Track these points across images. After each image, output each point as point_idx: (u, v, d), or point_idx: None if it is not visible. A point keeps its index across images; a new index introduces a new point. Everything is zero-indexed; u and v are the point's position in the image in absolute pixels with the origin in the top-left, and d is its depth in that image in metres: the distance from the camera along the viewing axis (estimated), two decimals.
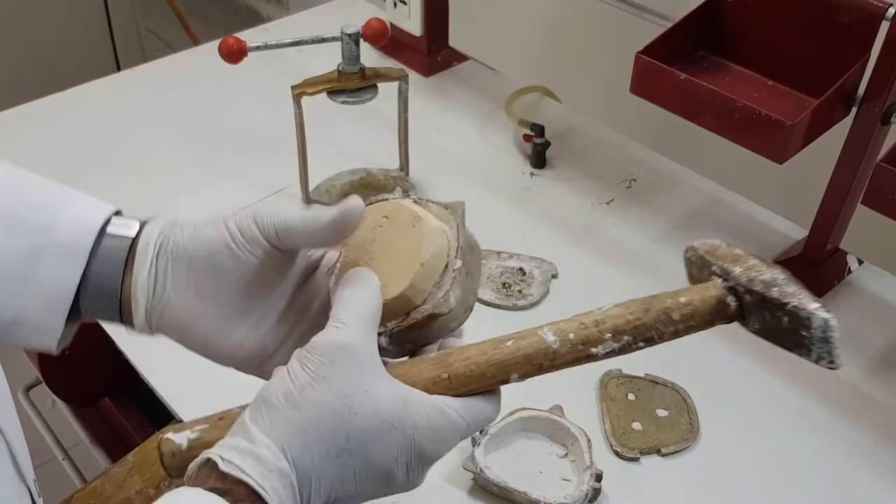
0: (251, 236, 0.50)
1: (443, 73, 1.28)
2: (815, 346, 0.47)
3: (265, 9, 2.04)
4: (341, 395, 0.43)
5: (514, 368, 0.47)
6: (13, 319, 0.51)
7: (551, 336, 0.47)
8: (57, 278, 0.51)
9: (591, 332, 0.48)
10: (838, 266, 0.96)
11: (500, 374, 0.46)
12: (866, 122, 0.83)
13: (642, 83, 0.89)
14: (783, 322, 0.47)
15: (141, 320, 0.53)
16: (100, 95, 1.23)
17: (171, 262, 0.51)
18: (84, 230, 0.51)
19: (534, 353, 0.47)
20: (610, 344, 0.48)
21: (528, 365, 0.47)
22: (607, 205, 1.06)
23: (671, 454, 0.77)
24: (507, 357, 0.47)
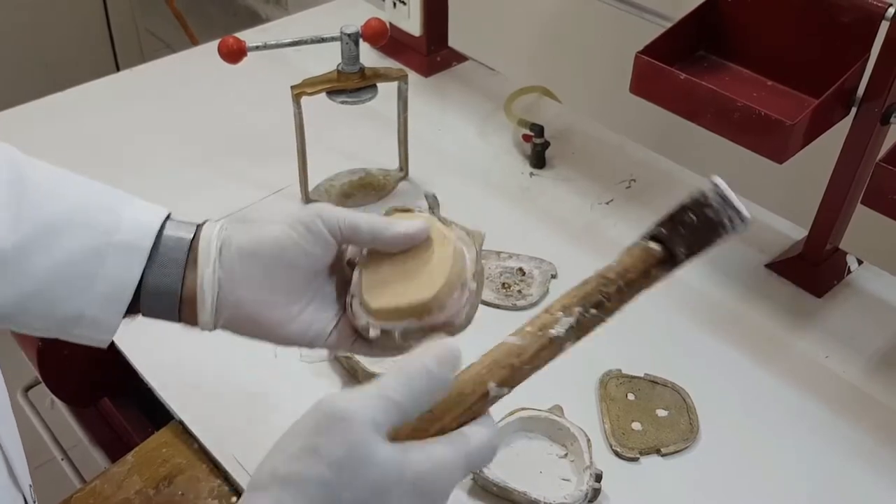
0: (318, 232, 0.55)
1: (442, 73, 1.28)
2: (722, 214, 0.50)
3: (264, 9, 2.04)
4: (334, 465, 0.41)
5: (487, 376, 0.46)
6: (75, 315, 0.54)
7: (512, 337, 0.48)
8: (118, 276, 0.54)
9: (544, 317, 0.49)
10: (838, 266, 0.96)
11: (477, 386, 0.46)
12: (866, 121, 0.83)
13: (642, 83, 0.89)
14: (692, 220, 0.51)
15: (207, 317, 0.55)
16: (99, 96, 1.23)
17: (238, 260, 0.55)
18: (143, 231, 0.55)
19: (501, 354, 0.47)
20: (565, 320, 0.49)
21: (500, 368, 0.47)
22: (607, 205, 1.06)
23: (671, 454, 0.77)
24: (479, 367, 0.47)
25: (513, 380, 0.47)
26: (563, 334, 0.49)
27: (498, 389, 0.47)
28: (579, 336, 0.50)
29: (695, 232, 0.51)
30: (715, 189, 0.50)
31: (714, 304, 0.93)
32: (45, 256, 0.53)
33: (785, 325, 0.90)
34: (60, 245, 0.53)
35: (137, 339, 0.86)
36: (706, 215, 0.50)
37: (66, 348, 0.92)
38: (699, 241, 0.51)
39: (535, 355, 0.48)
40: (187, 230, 0.56)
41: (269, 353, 0.85)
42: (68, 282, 0.54)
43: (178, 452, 0.78)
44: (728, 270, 0.97)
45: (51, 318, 0.55)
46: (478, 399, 0.46)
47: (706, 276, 0.96)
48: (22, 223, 0.53)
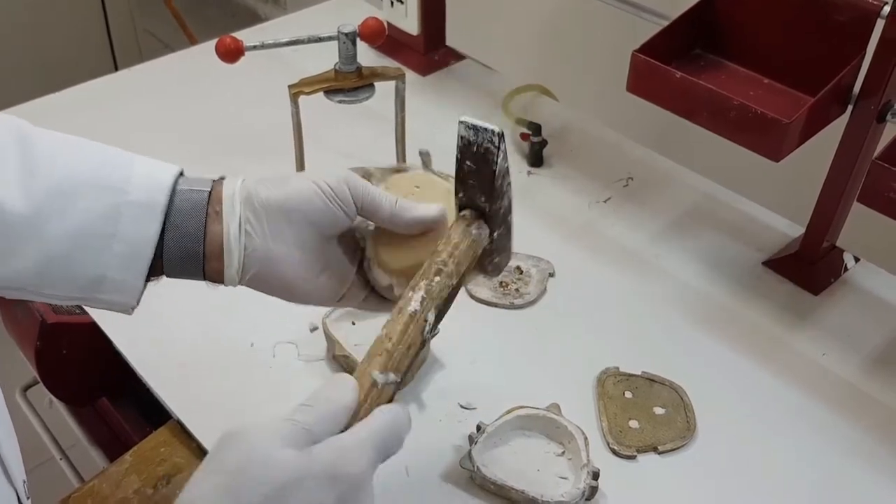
0: (344, 197, 0.56)
1: (440, 71, 1.28)
2: (482, 140, 0.54)
3: (262, 9, 2.04)
4: (233, 474, 0.43)
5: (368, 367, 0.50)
6: (97, 278, 0.55)
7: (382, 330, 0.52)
8: (136, 235, 0.54)
9: (401, 302, 0.54)
10: (835, 264, 0.96)
11: (363, 381, 0.50)
12: (862, 119, 0.83)
13: (639, 82, 0.89)
14: (470, 166, 0.55)
15: (233, 272, 0.56)
16: (97, 95, 1.23)
17: (266, 214, 0.55)
18: (156, 187, 0.55)
19: (374, 345, 0.51)
20: (415, 295, 0.53)
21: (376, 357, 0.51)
22: (604, 203, 1.06)
23: (668, 452, 0.77)
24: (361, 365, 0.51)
25: (393, 363, 0.51)
26: (419, 307, 0.53)
27: (383, 376, 0.50)
28: (440, 306, 0.54)
29: (477, 175, 0.55)
30: (464, 126, 0.54)
31: (711, 302, 0.93)
32: (61, 221, 0.53)
33: (782, 322, 0.91)
34: (74, 208, 0.53)
35: (135, 339, 0.87)
36: (473, 152, 0.54)
37: (64, 348, 0.92)
38: (485, 181, 0.55)
39: (402, 334, 0.51)
40: (203, 184, 0.56)
41: (268, 353, 0.85)
42: (86, 244, 0.54)
43: (176, 452, 0.78)
44: (725, 268, 0.97)
45: (73, 283, 0.55)
46: (368, 392, 0.49)
47: (703, 274, 0.96)
48: (34, 190, 0.53)
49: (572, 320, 0.90)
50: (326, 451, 0.45)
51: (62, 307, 0.91)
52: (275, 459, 0.43)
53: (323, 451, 0.45)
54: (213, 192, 0.56)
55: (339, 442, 0.46)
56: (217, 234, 0.55)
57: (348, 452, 0.45)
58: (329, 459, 0.44)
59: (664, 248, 1.00)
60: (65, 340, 0.92)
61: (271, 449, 0.43)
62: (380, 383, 0.50)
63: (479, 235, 0.57)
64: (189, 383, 0.82)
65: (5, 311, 0.99)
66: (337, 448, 0.45)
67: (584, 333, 0.89)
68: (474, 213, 0.58)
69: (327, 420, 0.46)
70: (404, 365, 0.51)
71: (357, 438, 0.46)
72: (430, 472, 0.75)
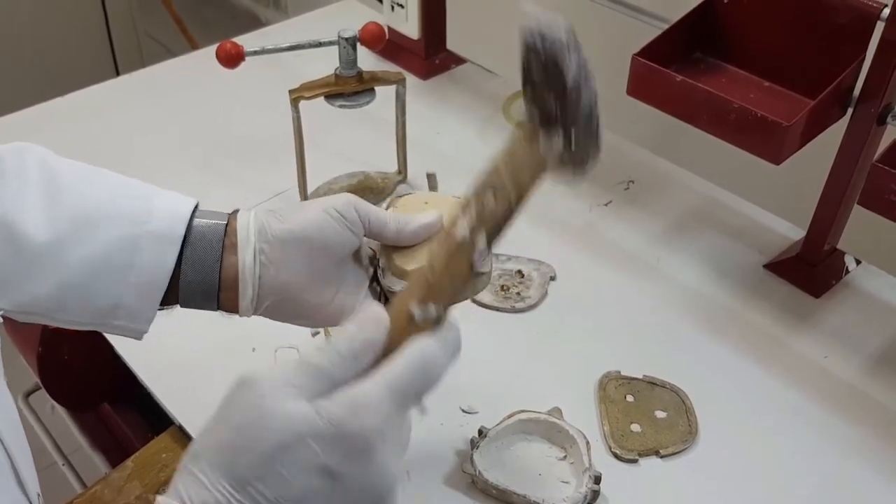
0: (352, 219, 0.57)
1: (440, 75, 1.28)
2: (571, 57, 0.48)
3: (264, 13, 2.04)
4: (237, 429, 0.41)
5: (406, 299, 0.46)
6: (112, 306, 0.56)
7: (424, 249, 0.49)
8: (153, 265, 0.55)
9: (448, 225, 0.49)
10: (836, 266, 0.96)
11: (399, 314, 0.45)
12: (862, 122, 0.83)
13: (639, 85, 0.89)
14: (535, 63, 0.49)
15: (247, 303, 0.57)
16: (99, 100, 1.24)
17: (280, 245, 0.56)
18: (175, 219, 0.56)
19: (415, 276, 0.47)
20: (463, 221, 0.48)
21: (417, 288, 0.46)
22: (605, 206, 1.06)
23: (670, 456, 0.77)
24: (399, 296, 0.46)
25: (434, 295, 0.46)
26: (469, 233, 0.48)
27: (422, 309, 0.45)
28: (491, 231, 0.49)
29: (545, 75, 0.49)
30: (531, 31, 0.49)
31: (713, 304, 0.93)
32: (80, 249, 0.54)
33: (784, 325, 0.91)
34: (94, 237, 0.54)
35: (137, 345, 0.87)
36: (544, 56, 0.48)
37: (65, 354, 0.93)
38: (555, 80, 0.48)
39: (446, 263, 0.47)
40: (219, 217, 0.58)
41: (270, 358, 0.85)
42: (104, 273, 0.55)
43: (178, 457, 0.77)
44: (726, 271, 0.97)
45: (88, 310, 0.56)
46: (404, 327, 0.45)
47: (705, 276, 0.96)
48: (56, 219, 0.54)
49: (573, 324, 0.90)
50: (335, 403, 0.41)
51: None
52: (279, 414, 0.40)
53: (330, 404, 0.41)
54: (229, 225, 0.57)
55: (351, 392, 0.41)
56: (232, 265, 0.56)
57: (360, 405, 0.41)
58: (336, 414, 0.40)
59: (665, 251, 1.00)
60: (66, 346, 0.92)
61: (278, 401, 0.40)
62: (417, 317, 0.45)
63: (549, 144, 0.50)
64: (191, 388, 0.82)
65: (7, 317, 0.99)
66: (348, 400, 0.41)
67: (585, 337, 0.89)
68: (541, 118, 0.50)
69: (348, 360, 0.42)
70: (447, 297, 0.46)
71: (373, 387, 0.42)
72: (432, 477, 0.75)
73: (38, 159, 0.57)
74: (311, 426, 0.40)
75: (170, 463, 0.78)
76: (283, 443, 0.40)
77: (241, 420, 0.41)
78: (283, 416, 0.40)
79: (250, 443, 0.40)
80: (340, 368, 0.42)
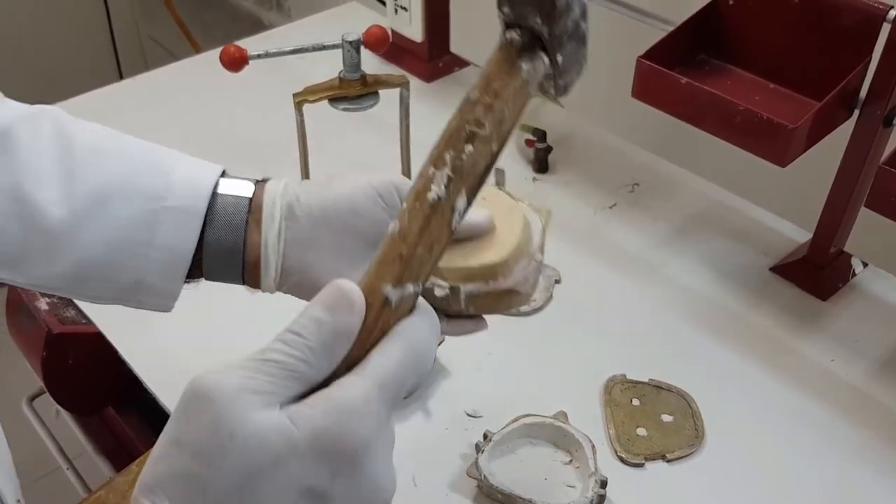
0: (392, 203, 0.53)
1: (444, 78, 1.28)
2: None
3: (267, 16, 2.04)
4: (197, 455, 0.33)
5: (378, 280, 0.37)
6: (135, 283, 0.54)
7: (392, 224, 0.39)
8: (174, 242, 0.53)
9: (418, 183, 0.40)
10: (843, 269, 0.96)
11: (372, 298, 0.37)
12: (868, 124, 0.83)
13: (644, 87, 0.89)
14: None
15: (270, 281, 0.54)
16: (102, 104, 1.24)
17: (308, 223, 0.53)
18: (196, 193, 0.53)
19: (385, 249, 0.38)
20: (439, 175, 0.39)
21: (389, 264, 0.38)
22: (610, 209, 1.06)
23: (676, 460, 0.77)
24: (368, 277, 0.38)
25: (411, 272, 0.38)
26: (444, 193, 0.38)
27: (398, 290, 0.37)
28: (471, 186, 0.40)
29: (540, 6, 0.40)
30: None
31: (719, 308, 0.92)
32: (98, 226, 0.52)
33: (790, 328, 0.90)
34: (112, 215, 0.52)
35: (141, 348, 0.87)
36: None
37: (70, 358, 0.93)
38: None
39: (422, 232, 0.38)
40: (245, 188, 0.54)
41: None
42: (124, 251, 0.53)
43: None
44: (732, 274, 0.96)
45: (110, 287, 0.54)
46: (379, 312, 0.37)
47: (711, 280, 0.96)
48: (73, 195, 0.52)
49: (578, 327, 0.90)
50: (315, 414, 0.33)
51: (67, 317, 0.91)
52: (245, 435, 0.32)
53: (310, 416, 0.33)
54: (255, 198, 0.54)
55: (333, 394, 0.34)
56: (256, 244, 0.54)
57: (346, 410, 0.34)
58: (319, 427, 0.33)
59: (670, 253, 0.99)
60: (70, 350, 0.92)
61: (242, 415, 0.33)
62: (394, 301, 0.37)
63: (533, 70, 0.41)
64: None
65: (11, 321, 0.99)
66: (332, 409, 0.34)
67: (590, 340, 0.88)
68: (525, 35, 0.41)
69: (320, 353, 0.35)
70: (426, 270, 0.38)
71: (361, 387, 0.35)
72: (437, 481, 0.75)
73: (53, 129, 0.55)
74: (288, 442, 0.33)
75: None
76: (257, 468, 0.33)
77: (199, 444, 0.33)
78: (251, 434, 0.33)
79: (215, 472, 0.33)
80: (312, 365, 0.35)
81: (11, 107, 0.56)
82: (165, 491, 0.33)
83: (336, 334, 0.35)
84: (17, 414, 1.09)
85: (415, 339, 0.37)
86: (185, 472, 0.33)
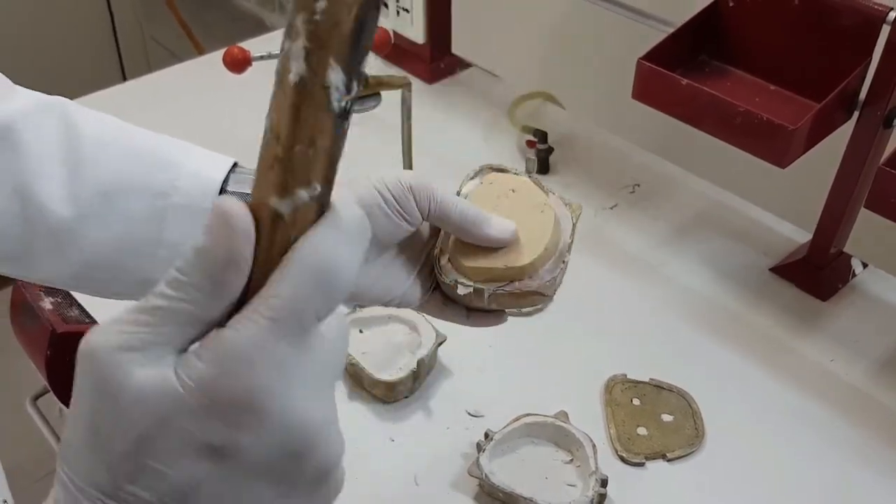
0: (407, 207, 0.50)
1: (446, 80, 1.29)
2: None
3: (269, 17, 2.05)
4: (91, 417, 0.30)
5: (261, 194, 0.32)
6: (143, 281, 0.53)
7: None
8: (182, 240, 0.52)
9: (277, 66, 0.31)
10: (842, 269, 0.96)
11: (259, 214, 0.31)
12: (868, 126, 0.83)
13: (644, 88, 0.89)
14: None
15: None
16: (105, 105, 1.23)
17: None
18: (204, 190, 0.52)
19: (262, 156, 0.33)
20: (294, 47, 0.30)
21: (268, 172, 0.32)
22: (611, 210, 1.06)
23: (677, 459, 0.77)
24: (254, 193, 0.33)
25: (295, 176, 0.31)
26: (305, 69, 0.30)
27: (287, 201, 0.31)
28: (342, 53, 0.31)
29: None
30: None
31: (719, 308, 0.93)
32: (105, 225, 0.52)
33: (790, 328, 0.90)
34: (119, 212, 0.52)
35: None
36: None
37: (74, 356, 0.93)
38: None
39: (293, 125, 0.31)
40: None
41: None
42: (131, 249, 0.52)
43: None
44: (732, 274, 0.97)
45: (119, 284, 0.54)
46: (270, 230, 0.31)
47: (711, 280, 0.96)
48: (78, 194, 0.51)
49: (579, 327, 0.90)
50: (201, 365, 0.29)
51: (71, 316, 0.92)
52: (128, 398, 0.29)
53: (196, 367, 0.29)
54: None
55: (221, 343, 0.30)
56: None
57: (232, 357, 0.29)
58: (205, 379, 0.29)
59: (671, 254, 1.00)
60: (74, 349, 0.92)
61: (122, 378, 0.29)
62: (286, 214, 0.31)
63: None
64: None
65: (15, 320, 0.99)
66: (218, 357, 0.29)
67: (591, 340, 0.89)
68: None
69: (206, 291, 0.30)
70: (318, 168, 0.32)
71: (250, 331, 0.30)
72: (439, 481, 0.75)
73: (60, 123, 0.54)
74: (173, 401, 0.29)
75: None
76: (145, 431, 0.29)
77: (89, 414, 0.30)
78: (133, 396, 0.29)
79: (107, 442, 0.30)
80: (200, 303, 0.30)
81: (21, 95, 0.54)
82: (70, 461, 0.31)
83: (220, 262, 0.30)
84: (22, 413, 1.10)
85: (314, 253, 0.31)
86: (84, 440, 0.31)
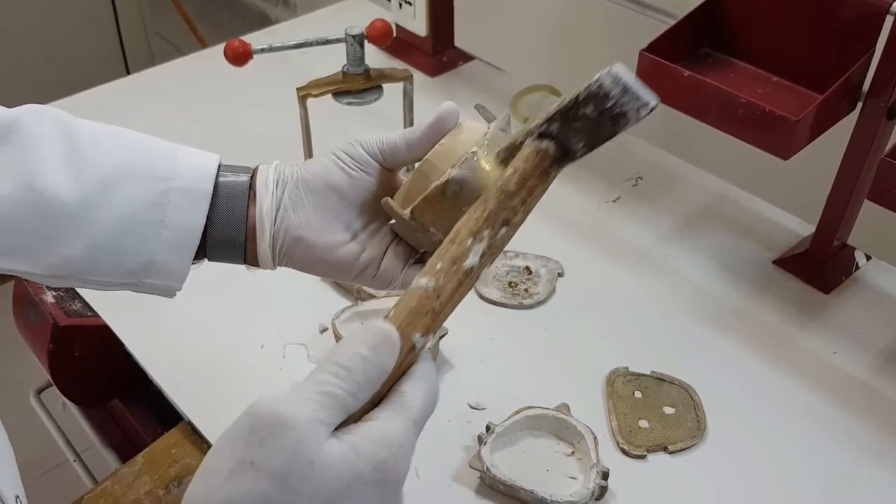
0: (357, 155, 0.57)
1: (448, 72, 1.28)
2: (624, 103, 0.46)
3: (273, 11, 2.05)
4: (277, 479, 0.36)
5: (409, 329, 0.42)
6: (145, 264, 0.56)
7: (424, 279, 0.44)
8: (183, 221, 0.55)
9: (453, 249, 0.46)
10: (846, 262, 0.96)
11: (404, 341, 0.42)
12: (871, 117, 0.83)
13: (646, 81, 0.87)
14: (589, 113, 0.47)
15: (265, 247, 0.57)
16: (109, 99, 1.24)
17: (292, 188, 0.57)
18: (202, 174, 0.57)
19: (418, 302, 0.43)
20: (476, 248, 0.46)
21: (421, 317, 0.43)
22: (613, 203, 1.06)
23: (678, 451, 0.77)
24: (398, 319, 0.43)
25: (437, 325, 0.44)
26: (477, 263, 0.46)
27: (423, 339, 0.43)
28: (491, 259, 0.47)
29: (594, 126, 0.47)
30: (613, 76, 0.46)
31: (721, 301, 0.93)
32: (109, 208, 0.54)
33: (793, 321, 0.90)
34: (122, 196, 0.54)
35: (146, 341, 0.87)
36: (605, 108, 0.46)
37: (76, 351, 0.93)
38: (599, 134, 0.48)
39: (453, 293, 0.44)
40: (244, 173, 0.58)
41: (278, 354, 0.85)
42: (135, 231, 0.55)
43: (188, 453, 0.79)
44: (735, 267, 0.96)
45: (121, 269, 0.55)
46: (406, 355, 0.42)
47: (713, 273, 0.96)
48: (82, 179, 0.54)
49: (581, 320, 0.90)
50: (374, 446, 0.38)
51: (74, 310, 0.92)
52: (325, 463, 0.36)
53: (371, 448, 0.38)
54: (252, 178, 0.58)
55: (388, 434, 0.39)
56: (254, 215, 0.57)
57: (398, 449, 0.39)
58: (378, 459, 0.38)
59: (673, 247, 0.99)
60: (77, 343, 0.93)
61: (319, 447, 0.36)
62: (418, 347, 0.42)
63: (554, 176, 0.50)
64: (200, 385, 0.83)
65: (18, 314, 0.99)
66: (389, 443, 0.38)
67: (593, 333, 0.89)
68: (556, 149, 0.49)
69: (364, 389, 0.39)
70: (439, 326, 0.44)
71: (402, 424, 0.39)
72: (440, 473, 0.75)
73: (56, 120, 0.57)
74: (355, 472, 0.37)
75: (179, 458, 0.78)
76: (332, 494, 0.36)
77: (278, 469, 0.36)
78: (325, 462, 0.36)
79: (295, 497, 0.36)
80: (354, 398, 0.39)
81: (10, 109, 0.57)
82: None
83: (380, 373, 0.40)
84: (25, 407, 1.10)
85: (432, 380, 0.42)
86: (263, 495, 0.36)
